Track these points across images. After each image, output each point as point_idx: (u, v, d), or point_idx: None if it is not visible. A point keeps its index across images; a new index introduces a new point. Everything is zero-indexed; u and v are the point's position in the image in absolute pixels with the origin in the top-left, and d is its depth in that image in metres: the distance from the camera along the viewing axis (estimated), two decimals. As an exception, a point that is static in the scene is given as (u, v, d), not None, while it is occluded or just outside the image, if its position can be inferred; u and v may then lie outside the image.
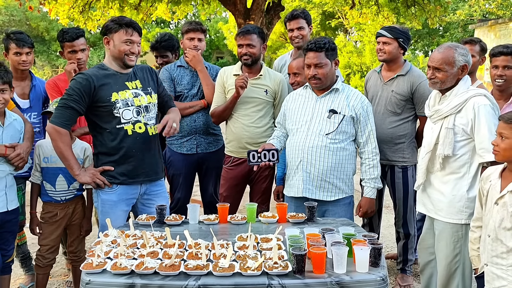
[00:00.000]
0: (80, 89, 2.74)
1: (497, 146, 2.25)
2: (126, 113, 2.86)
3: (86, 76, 2.78)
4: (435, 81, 2.66)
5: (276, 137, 3.25)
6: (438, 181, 2.74)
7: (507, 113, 2.28)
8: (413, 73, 3.47)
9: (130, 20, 2.83)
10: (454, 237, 2.67)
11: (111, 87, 2.84)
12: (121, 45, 2.81)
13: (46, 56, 35.05)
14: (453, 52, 2.60)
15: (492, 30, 14.39)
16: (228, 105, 3.50)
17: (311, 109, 3.05)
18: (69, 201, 3.18)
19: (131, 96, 2.89)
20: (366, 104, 3.05)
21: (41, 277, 3.19)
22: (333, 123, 2.96)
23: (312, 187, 3.00)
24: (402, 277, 3.73)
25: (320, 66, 2.94)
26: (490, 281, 2.28)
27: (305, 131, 3.01)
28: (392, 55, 3.47)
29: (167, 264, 2.08)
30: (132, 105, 2.88)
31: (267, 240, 2.41)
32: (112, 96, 2.82)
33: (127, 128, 2.87)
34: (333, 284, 2.00)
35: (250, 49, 3.45)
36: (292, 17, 3.84)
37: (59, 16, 9.71)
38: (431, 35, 27.01)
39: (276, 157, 3.00)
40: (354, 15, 12.59)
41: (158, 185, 3.09)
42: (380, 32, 3.52)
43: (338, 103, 3.00)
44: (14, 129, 2.91)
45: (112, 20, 2.84)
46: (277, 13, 8.84)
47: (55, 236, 3.18)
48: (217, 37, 34.93)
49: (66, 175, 3.09)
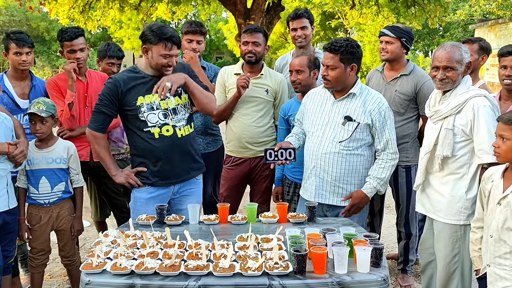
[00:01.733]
0: (109, 93, 2.82)
1: (498, 148, 2.24)
2: (151, 117, 2.87)
3: (113, 81, 2.85)
4: (447, 81, 2.60)
5: (295, 134, 3.19)
6: (437, 182, 2.73)
7: (506, 113, 2.27)
8: (417, 73, 3.46)
9: (171, 34, 2.79)
10: (453, 238, 2.66)
11: (139, 90, 2.87)
12: (159, 58, 2.82)
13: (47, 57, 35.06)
14: (459, 50, 2.58)
15: (493, 30, 14.36)
16: (228, 104, 3.50)
17: (327, 113, 2.97)
18: (53, 204, 3.13)
19: (157, 100, 2.88)
20: (385, 110, 2.90)
21: (36, 276, 3.18)
22: (347, 130, 2.87)
23: (325, 193, 2.97)
24: (403, 277, 3.72)
25: (331, 68, 2.84)
26: (493, 282, 2.27)
27: (319, 136, 2.95)
28: (394, 55, 3.46)
29: (167, 265, 2.07)
30: (158, 108, 2.89)
31: (267, 240, 2.40)
32: (138, 100, 2.85)
33: (154, 132, 2.88)
34: (334, 284, 1.99)
35: (256, 47, 3.46)
36: (296, 16, 3.83)
37: (59, 16, 9.73)
38: (431, 35, 27.01)
39: (293, 156, 2.94)
40: (354, 15, 12.59)
41: (192, 183, 3.11)
42: (383, 31, 3.50)
43: (354, 109, 2.89)
44: (5, 127, 2.88)
45: (152, 30, 2.80)
46: (277, 13, 8.84)
47: (42, 241, 3.15)
48: (217, 37, 34.93)
49: (49, 177, 3.08)
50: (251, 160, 3.59)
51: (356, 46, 2.85)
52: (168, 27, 2.82)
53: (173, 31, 2.82)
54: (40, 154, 3.05)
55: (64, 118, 3.41)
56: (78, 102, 3.50)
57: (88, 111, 3.56)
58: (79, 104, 3.51)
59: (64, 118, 3.41)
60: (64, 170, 3.14)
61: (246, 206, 2.83)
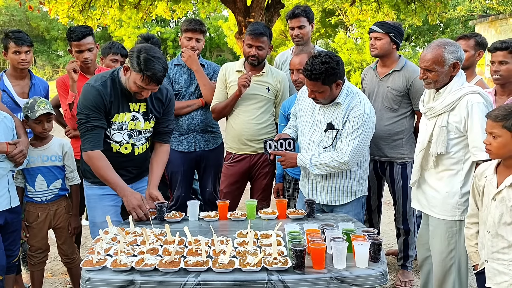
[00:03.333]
0: (96, 105, 2.68)
1: (489, 145, 2.23)
2: (116, 135, 2.84)
3: (98, 92, 2.69)
4: (428, 81, 2.65)
5: (292, 126, 3.20)
6: (432, 178, 2.74)
7: (494, 110, 2.25)
8: (408, 68, 3.46)
9: (153, 72, 2.58)
10: (448, 233, 2.67)
11: (118, 106, 2.78)
12: (134, 85, 2.67)
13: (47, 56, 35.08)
14: (442, 51, 2.58)
15: (493, 26, 14.35)
16: (229, 102, 3.51)
17: (315, 117, 2.94)
18: (50, 202, 3.15)
19: (128, 120, 2.83)
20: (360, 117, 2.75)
21: (36, 274, 3.20)
22: (329, 138, 2.85)
23: (319, 193, 2.98)
24: (403, 273, 3.73)
25: (317, 92, 2.76)
26: (491, 277, 2.27)
27: (307, 139, 2.95)
28: (384, 51, 3.46)
29: (167, 261, 2.08)
30: (125, 129, 2.85)
31: (266, 236, 2.41)
32: (114, 116, 2.79)
33: (113, 146, 2.87)
34: (332, 279, 2.00)
35: (259, 51, 3.46)
36: (293, 15, 3.81)
37: (58, 15, 9.73)
38: (432, 32, 26.95)
39: (293, 146, 2.95)
40: (354, 12, 12.57)
41: (145, 181, 3.05)
42: (372, 28, 3.52)
43: (336, 117, 2.83)
44: (5, 126, 2.89)
45: (138, 57, 2.59)
46: (277, 11, 8.83)
47: (40, 238, 3.16)
48: (217, 35, 34.90)
49: (45, 175, 3.09)
50: (251, 157, 3.60)
51: (336, 64, 2.69)
52: (156, 62, 2.59)
53: (159, 69, 2.60)
54: (35, 153, 3.06)
55: (67, 118, 3.43)
56: None
57: None
58: None
59: (67, 118, 3.43)
60: (60, 167, 3.16)
61: (245, 203, 2.84)
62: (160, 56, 2.65)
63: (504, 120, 2.16)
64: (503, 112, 2.18)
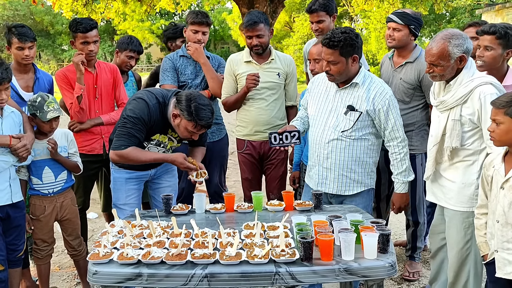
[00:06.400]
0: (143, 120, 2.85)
1: (493, 132, 2.22)
2: (152, 149, 3.08)
3: (148, 111, 2.86)
4: (434, 75, 2.61)
5: (300, 118, 3.18)
6: (448, 170, 2.70)
7: (497, 98, 2.24)
8: (421, 60, 3.34)
9: (206, 122, 2.80)
10: (465, 223, 2.64)
11: (159, 129, 2.98)
12: (185, 132, 2.86)
13: (51, 50, 35.15)
14: (446, 45, 2.52)
15: (500, 15, 14.18)
16: (239, 98, 3.56)
17: (331, 100, 2.91)
18: (56, 194, 3.14)
19: (166, 140, 3.08)
20: (388, 98, 2.82)
21: (43, 267, 3.20)
22: (349, 120, 2.82)
23: (329, 182, 2.94)
24: (411, 264, 3.71)
25: (333, 63, 2.76)
26: (501, 267, 2.25)
27: (322, 124, 2.92)
28: (401, 43, 3.37)
29: (174, 254, 2.07)
30: (163, 147, 3.10)
31: (274, 228, 2.40)
32: (155, 135, 3.00)
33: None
34: (341, 271, 1.99)
35: (260, 39, 3.48)
36: (310, 11, 3.79)
37: (62, 9, 9.71)
38: (438, 21, 26.69)
39: (297, 137, 2.94)
40: (359, 2, 12.43)
41: (168, 164, 3.21)
42: (391, 17, 3.38)
43: (357, 99, 2.82)
44: (12, 121, 2.88)
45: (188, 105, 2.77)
46: (281, 2, 8.73)
47: (46, 231, 3.16)
48: (221, 27, 34.80)
49: (52, 167, 3.09)
50: (264, 142, 3.60)
51: (355, 37, 2.74)
52: (207, 110, 2.79)
53: (209, 116, 2.80)
54: (40, 145, 3.05)
55: (74, 111, 3.41)
56: (88, 94, 3.49)
57: (98, 102, 3.57)
58: (89, 96, 3.50)
59: (74, 111, 3.41)
60: (66, 158, 3.16)
61: (252, 194, 2.82)
62: (208, 103, 2.85)
63: (507, 107, 2.15)
64: (505, 99, 2.18)
